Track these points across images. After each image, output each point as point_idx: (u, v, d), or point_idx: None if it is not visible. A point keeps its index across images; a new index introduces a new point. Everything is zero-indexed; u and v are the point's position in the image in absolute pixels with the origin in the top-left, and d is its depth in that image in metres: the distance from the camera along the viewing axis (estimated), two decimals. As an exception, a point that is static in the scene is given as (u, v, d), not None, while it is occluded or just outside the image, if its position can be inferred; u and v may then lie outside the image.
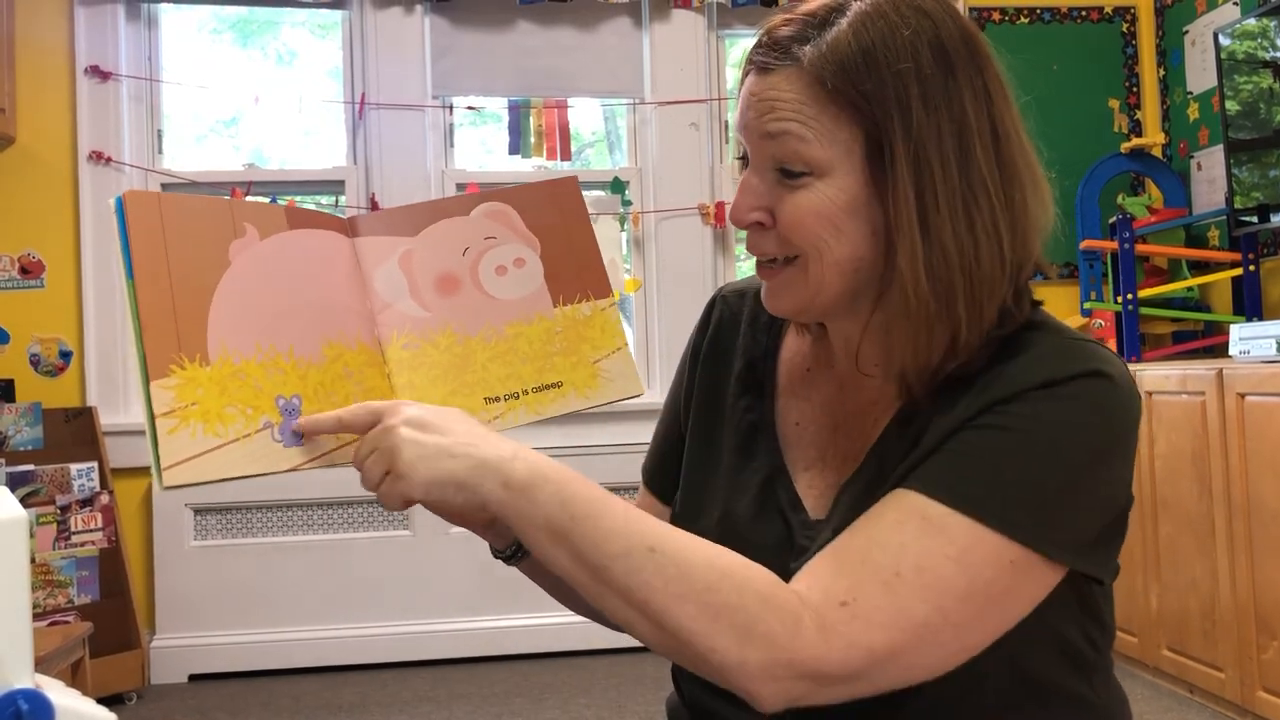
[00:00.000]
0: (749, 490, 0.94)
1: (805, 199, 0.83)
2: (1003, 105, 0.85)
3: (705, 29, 3.84)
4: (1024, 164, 0.85)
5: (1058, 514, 0.78)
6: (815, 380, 0.96)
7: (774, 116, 0.83)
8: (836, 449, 0.92)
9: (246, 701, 3.18)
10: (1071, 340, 0.84)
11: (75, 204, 3.54)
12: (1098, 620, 0.88)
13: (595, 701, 3.05)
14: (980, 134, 0.82)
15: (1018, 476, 0.77)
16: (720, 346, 1.03)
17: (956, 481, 0.78)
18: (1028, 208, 0.84)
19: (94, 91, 3.56)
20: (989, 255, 0.82)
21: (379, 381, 0.93)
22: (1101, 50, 4.02)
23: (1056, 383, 0.79)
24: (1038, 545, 0.77)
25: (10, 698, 0.55)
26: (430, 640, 3.50)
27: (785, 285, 0.87)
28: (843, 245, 0.83)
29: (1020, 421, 0.79)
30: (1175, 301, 3.68)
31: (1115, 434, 0.81)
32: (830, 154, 0.82)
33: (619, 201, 3.75)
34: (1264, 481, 2.53)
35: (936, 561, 0.75)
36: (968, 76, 0.83)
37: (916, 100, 0.80)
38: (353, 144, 3.76)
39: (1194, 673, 2.82)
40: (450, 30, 3.75)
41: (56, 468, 3.24)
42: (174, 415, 0.80)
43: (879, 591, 0.75)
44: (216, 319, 0.84)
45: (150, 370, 0.80)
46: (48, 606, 3.10)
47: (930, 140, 0.80)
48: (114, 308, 3.55)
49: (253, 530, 3.50)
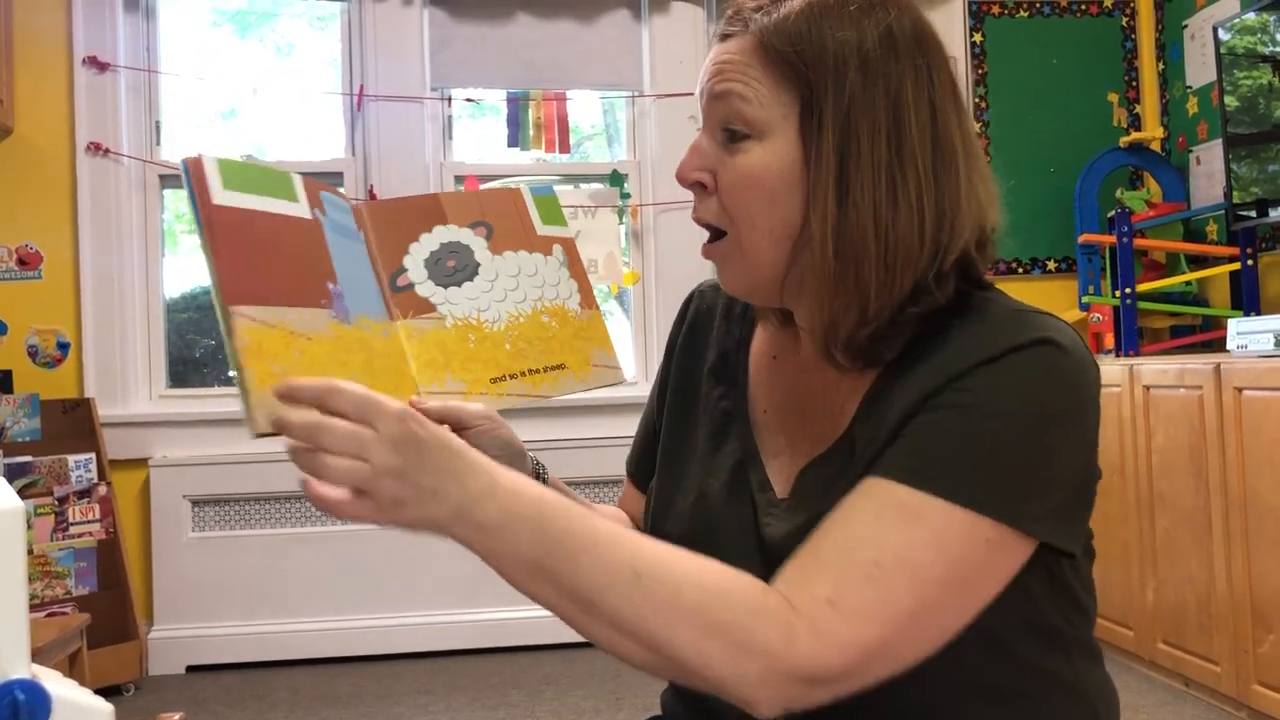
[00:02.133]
0: (721, 474, 0.95)
1: (744, 162, 0.86)
2: (945, 96, 0.86)
3: (704, 21, 3.83)
4: (963, 155, 0.86)
5: (1025, 486, 0.78)
6: (782, 367, 0.98)
7: (721, 78, 0.86)
8: (805, 433, 0.93)
9: (244, 693, 3.18)
10: (1020, 311, 0.85)
11: (73, 195, 3.54)
12: (1072, 600, 0.89)
13: (593, 693, 3.05)
14: (918, 113, 0.84)
15: (982, 453, 0.78)
16: (696, 339, 1.06)
17: (923, 465, 0.78)
18: (960, 194, 0.85)
19: (92, 82, 3.55)
20: (908, 227, 0.82)
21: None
22: (1101, 44, 4.01)
23: (1008, 351, 0.80)
24: (1010, 520, 0.77)
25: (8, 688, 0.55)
26: (427, 632, 3.51)
27: (726, 260, 0.90)
28: (775, 212, 0.85)
29: (976, 397, 0.79)
30: (1173, 296, 3.68)
31: (1071, 399, 0.81)
32: (769, 116, 0.84)
33: (618, 194, 3.75)
34: (1261, 476, 2.53)
35: (915, 550, 0.76)
36: (911, 60, 0.84)
37: (855, 70, 0.82)
38: (351, 136, 3.76)
39: (1190, 666, 2.83)
40: (449, 22, 3.74)
41: (54, 459, 3.24)
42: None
43: (863, 586, 0.75)
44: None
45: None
46: (45, 598, 3.10)
47: (862, 109, 0.82)
48: (112, 299, 3.55)
49: (250, 522, 3.50)
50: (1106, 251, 3.71)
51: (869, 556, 0.76)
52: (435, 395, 0.96)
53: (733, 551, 0.90)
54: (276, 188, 0.88)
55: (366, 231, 0.99)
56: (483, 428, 0.96)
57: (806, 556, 0.78)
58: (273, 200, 0.87)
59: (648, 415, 1.11)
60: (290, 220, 0.88)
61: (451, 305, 1.00)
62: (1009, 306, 0.85)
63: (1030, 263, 3.90)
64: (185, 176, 0.82)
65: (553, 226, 1.10)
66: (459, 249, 1.03)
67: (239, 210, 0.83)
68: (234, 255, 0.81)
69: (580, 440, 3.59)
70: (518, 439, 0.99)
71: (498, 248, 1.05)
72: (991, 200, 0.88)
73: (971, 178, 0.86)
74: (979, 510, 0.77)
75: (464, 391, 0.98)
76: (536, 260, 1.06)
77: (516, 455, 0.99)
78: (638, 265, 3.85)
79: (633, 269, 3.84)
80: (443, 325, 0.99)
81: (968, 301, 0.86)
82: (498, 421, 0.97)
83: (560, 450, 3.55)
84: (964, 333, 0.83)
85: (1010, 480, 0.78)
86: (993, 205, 0.89)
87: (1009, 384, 0.79)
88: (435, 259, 1.01)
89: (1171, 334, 3.74)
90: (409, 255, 1.01)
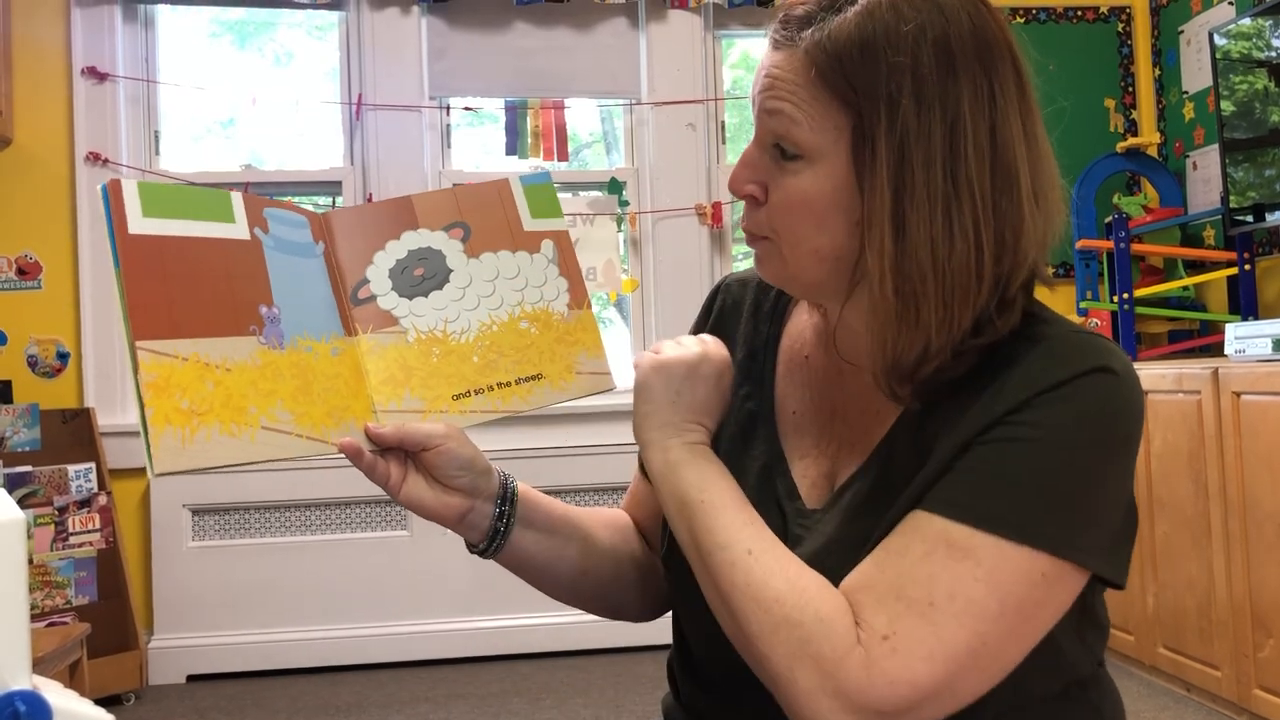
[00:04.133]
0: (747, 478, 0.93)
1: (795, 184, 0.83)
2: (1009, 111, 0.82)
3: (702, 29, 3.84)
4: (1027, 173, 0.82)
5: (1079, 519, 0.78)
6: (813, 367, 0.96)
7: (773, 94, 0.83)
8: (834, 436, 0.92)
9: (244, 702, 3.18)
10: (1074, 336, 0.82)
11: (72, 205, 3.54)
12: (1093, 620, 0.88)
13: (593, 701, 3.05)
14: (975, 137, 0.80)
15: (1035, 486, 0.77)
16: (722, 334, 1.03)
17: (975, 501, 0.77)
18: (1023, 218, 0.81)
19: (91, 93, 3.56)
20: (964, 261, 0.79)
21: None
22: (1097, 50, 4.02)
23: (1063, 384, 0.78)
24: (1066, 553, 0.76)
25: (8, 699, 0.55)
26: (428, 640, 3.50)
27: (767, 257, 0.89)
28: (821, 236, 0.84)
29: (1030, 430, 0.78)
30: (1171, 301, 3.69)
31: (1124, 430, 0.80)
32: (819, 141, 0.82)
33: (616, 202, 3.75)
34: (1260, 480, 2.53)
35: (967, 586, 0.75)
36: (971, 77, 0.80)
37: (909, 97, 0.79)
38: (350, 145, 3.76)
39: (1191, 671, 2.82)
40: (447, 31, 3.75)
41: (54, 469, 3.24)
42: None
43: (917, 624, 0.74)
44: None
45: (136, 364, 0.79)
46: (45, 607, 3.10)
47: (917, 138, 0.79)
48: (111, 309, 3.54)
49: (251, 531, 3.50)
50: (1104, 257, 3.71)
51: (922, 596, 0.75)
52: (393, 414, 0.93)
53: None
54: (207, 210, 0.86)
55: (330, 242, 0.96)
56: (442, 448, 0.92)
57: (862, 590, 0.78)
58: (202, 224, 0.85)
59: None
60: (221, 243, 0.86)
61: (416, 317, 0.97)
62: (1062, 330, 0.83)
63: (1028, 268, 3.90)
64: (104, 203, 0.81)
65: (543, 220, 1.05)
66: (429, 255, 0.99)
67: (155, 239, 0.82)
68: (145, 287, 0.80)
69: (580, 448, 3.59)
70: (482, 457, 0.96)
71: (475, 250, 1.00)
72: (1058, 205, 0.85)
73: (1038, 191, 0.83)
74: (1032, 545, 0.76)
75: (422, 410, 0.94)
76: (520, 260, 1.02)
77: (481, 474, 0.95)
78: (636, 273, 3.86)
79: (631, 276, 3.84)
80: (404, 340, 0.96)
81: (1025, 327, 0.84)
82: (460, 440, 0.94)
83: (559, 458, 3.55)
84: (1020, 361, 0.81)
85: (1063, 513, 0.77)
86: (1059, 210, 0.86)
87: (1063, 415, 0.78)
88: (401, 267, 0.97)
89: (1169, 339, 3.74)
90: (373, 265, 0.97)
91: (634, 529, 1.10)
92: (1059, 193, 0.86)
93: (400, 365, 0.95)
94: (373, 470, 0.91)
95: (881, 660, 0.74)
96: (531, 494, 1.01)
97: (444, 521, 0.94)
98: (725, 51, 3.97)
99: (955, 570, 0.75)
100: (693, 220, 3.79)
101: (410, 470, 0.93)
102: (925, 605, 0.75)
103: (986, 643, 0.75)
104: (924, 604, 0.75)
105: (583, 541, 1.03)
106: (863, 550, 0.81)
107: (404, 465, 0.93)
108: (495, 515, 0.97)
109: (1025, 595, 0.76)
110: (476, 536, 0.97)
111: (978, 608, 0.75)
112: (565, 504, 1.05)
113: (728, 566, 0.81)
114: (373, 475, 0.91)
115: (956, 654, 0.74)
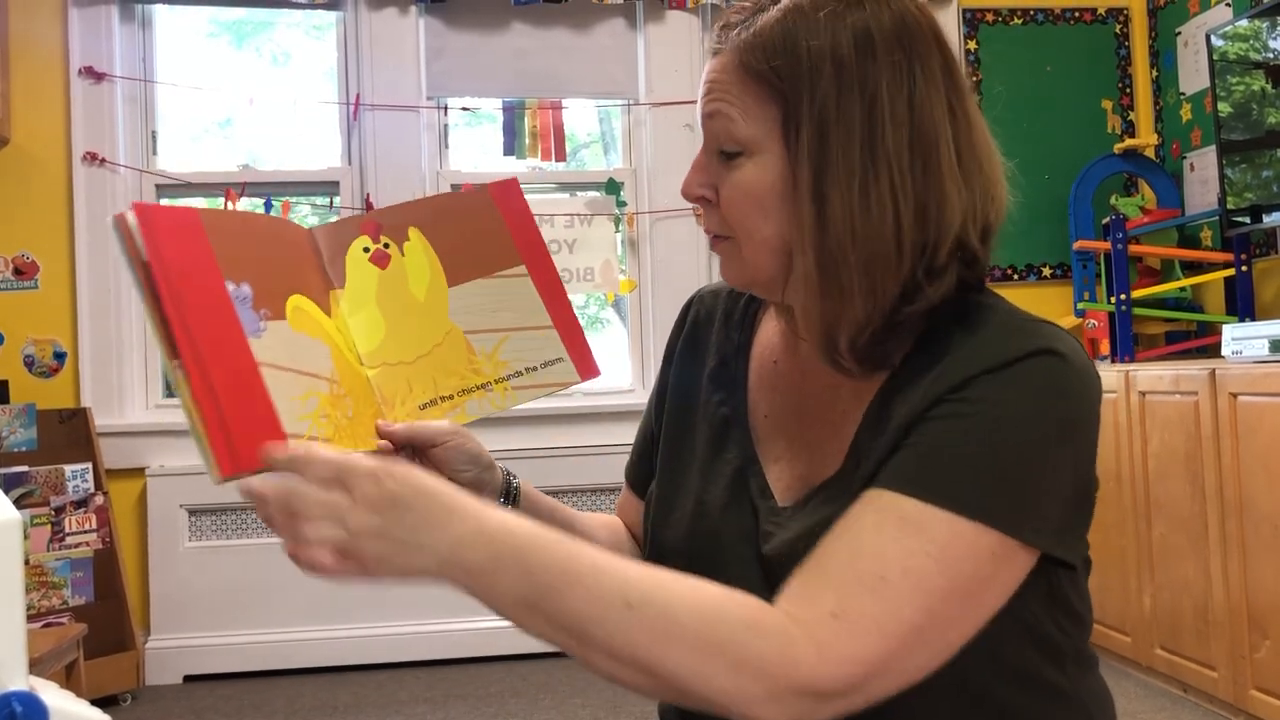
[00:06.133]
0: (721, 480, 0.95)
1: (738, 178, 0.86)
2: (930, 90, 0.84)
3: (699, 30, 3.84)
4: (950, 147, 0.84)
5: (1027, 497, 0.78)
6: (781, 371, 0.98)
7: (711, 98, 0.87)
8: (804, 438, 0.93)
9: (241, 703, 3.18)
10: (1021, 320, 0.85)
11: (69, 205, 3.54)
12: (1067, 609, 0.88)
13: (590, 701, 3.05)
14: (894, 112, 0.82)
15: (984, 464, 0.78)
16: (696, 344, 1.06)
17: (927, 476, 0.78)
18: (944, 185, 0.83)
19: (88, 93, 3.55)
20: (881, 229, 0.82)
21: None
22: (1095, 51, 4.03)
23: (1008, 364, 0.80)
24: (1014, 531, 0.77)
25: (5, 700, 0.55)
26: (426, 641, 3.50)
27: (727, 258, 0.91)
28: (769, 225, 0.86)
29: (978, 407, 0.79)
30: (1168, 302, 3.69)
31: (1074, 411, 0.81)
32: (755, 133, 0.85)
33: (614, 203, 3.75)
34: (1256, 481, 2.53)
35: (919, 561, 0.75)
36: (890, 60, 0.83)
37: (829, 78, 0.82)
38: (347, 145, 3.76)
39: (1187, 672, 2.83)
40: (445, 31, 3.75)
41: (51, 469, 3.23)
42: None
43: (867, 599, 0.74)
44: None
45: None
46: (42, 608, 3.10)
47: (837, 119, 0.82)
48: (108, 309, 3.54)
49: (247, 531, 3.50)
50: (1101, 258, 3.72)
51: (872, 569, 0.75)
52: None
53: (733, 559, 0.91)
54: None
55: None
56: (450, 443, 0.96)
57: (810, 571, 0.78)
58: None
59: (646, 421, 1.10)
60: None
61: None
62: (1011, 315, 0.85)
63: (1025, 269, 3.90)
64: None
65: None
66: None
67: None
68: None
69: (574, 448, 3.59)
70: (486, 452, 0.99)
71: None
72: (995, 181, 0.87)
73: (965, 163, 0.85)
74: (983, 521, 0.76)
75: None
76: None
77: (486, 469, 0.99)
78: (634, 273, 3.85)
79: (629, 277, 3.84)
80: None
81: (969, 307, 0.86)
82: (466, 436, 0.98)
83: (553, 459, 3.55)
84: (966, 342, 0.83)
85: (1013, 491, 0.78)
86: (996, 185, 0.87)
87: (1010, 393, 0.79)
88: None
89: (1166, 340, 3.74)
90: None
91: (628, 534, 1.13)
92: (997, 170, 0.88)
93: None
94: None
95: (831, 640, 0.73)
96: (534, 492, 1.04)
97: None
98: (723, 52, 3.96)
99: (907, 545, 0.76)
100: (690, 221, 3.79)
101: (418, 467, 0.95)
102: (877, 580, 0.75)
103: (934, 619, 0.75)
104: (875, 578, 0.75)
105: (582, 540, 1.04)
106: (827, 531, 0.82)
107: (413, 463, 0.95)
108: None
109: (974, 572, 0.76)
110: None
111: (928, 583, 0.75)
112: (566, 506, 1.08)
113: (617, 634, 0.73)
114: None
115: (905, 630, 0.74)
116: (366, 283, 0.99)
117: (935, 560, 0.75)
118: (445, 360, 1.00)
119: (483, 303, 1.02)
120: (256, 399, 0.84)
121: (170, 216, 0.84)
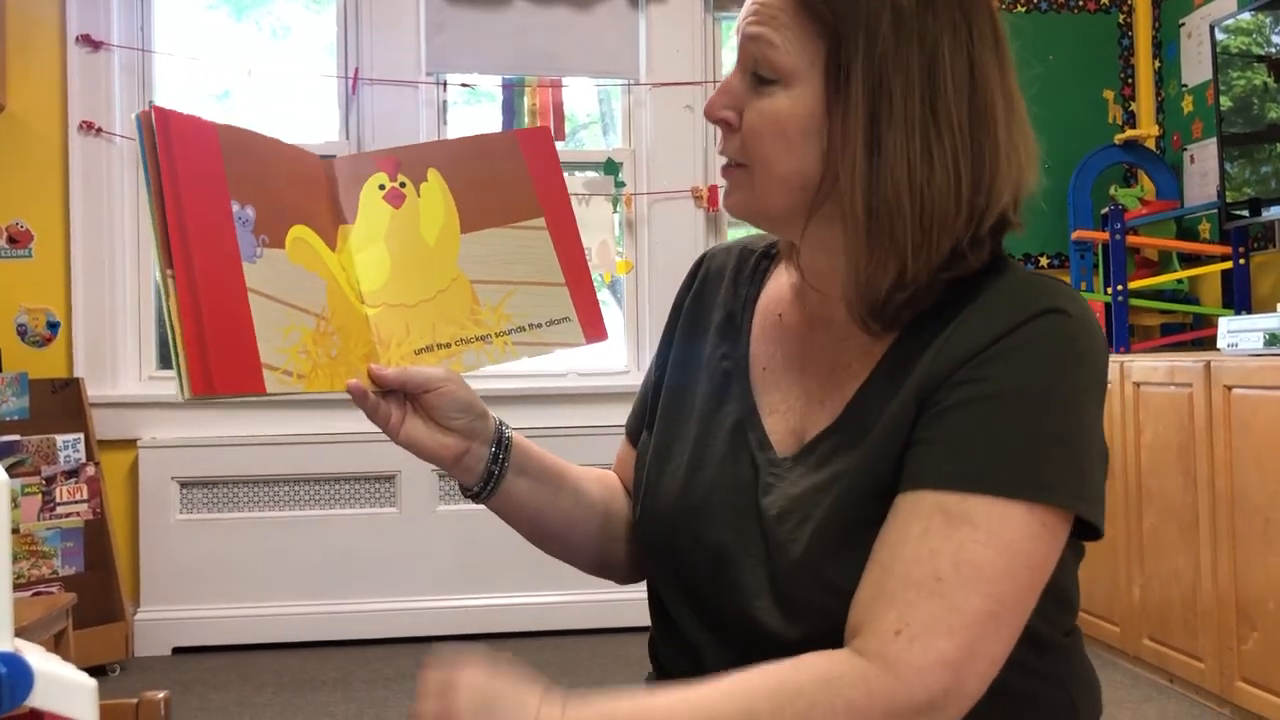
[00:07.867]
0: (720, 432, 0.95)
1: (767, 106, 0.85)
2: (987, 55, 0.84)
3: (701, 11, 3.82)
4: (1003, 118, 0.85)
5: (1062, 463, 0.79)
6: (786, 324, 0.98)
7: (755, 19, 0.86)
8: (802, 389, 0.93)
9: (230, 675, 3.18)
10: (1027, 278, 0.85)
11: (64, 174, 3.52)
12: (1059, 595, 0.88)
13: (578, 681, 3.05)
14: (954, 74, 0.82)
15: (1013, 441, 0.78)
16: (704, 300, 1.05)
17: (961, 468, 0.78)
18: (999, 157, 0.84)
19: (85, 61, 3.53)
20: (944, 188, 0.82)
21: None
22: (1097, 41, 4.01)
23: (1016, 328, 0.80)
24: (1058, 499, 0.78)
25: (-11, 662, 0.55)
26: (414, 617, 3.50)
27: (736, 186, 0.90)
28: (791, 160, 0.85)
29: (996, 384, 0.80)
30: (1165, 294, 3.69)
31: (1087, 375, 0.82)
32: (795, 64, 0.84)
33: (612, 183, 3.74)
34: (1248, 474, 2.54)
35: (973, 551, 0.76)
36: (950, 18, 0.83)
37: (888, 27, 0.81)
38: (345, 119, 3.74)
39: (1174, 662, 2.84)
40: (445, 7, 3.72)
41: (42, 438, 3.23)
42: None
43: (926, 604, 0.75)
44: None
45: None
46: (32, 577, 3.09)
47: (895, 68, 0.81)
48: (102, 279, 3.53)
49: (239, 505, 3.50)
50: (1099, 248, 3.72)
51: (927, 573, 0.75)
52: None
53: (730, 510, 0.91)
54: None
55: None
56: (442, 390, 0.94)
57: (868, 596, 0.78)
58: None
59: (649, 378, 1.10)
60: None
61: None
62: (1017, 273, 0.86)
63: (1023, 258, 3.90)
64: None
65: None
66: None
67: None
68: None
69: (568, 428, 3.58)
70: (479, 402, 0.97)
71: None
72: (1031, 159, 0.88)
73: (1013, 137, 0.86)
74: (1027, 497, 0.77)
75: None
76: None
77: (478, 417, 0.96)
78: (631, 255, 3.85)
79: (626, 258, 3.83)
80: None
81: (994, 267, 0.86)
82: (459, 383, 0.96)
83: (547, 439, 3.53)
84: (975, 304, 0.83)
85: (1047, 459, 0.78)
86: (1031, 164, 0.88)
87: (1024, 364, 0.80)
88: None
89: (1162, 332, 3.75)
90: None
91: (622, 489, 1.11)
92: (1033, 148, 0.88)
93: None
94: (375, 412, 0.93)
95: (903, 656, 0.74)
96: (526, 442, 1.02)
97: (440, 462, 0.96)
98: (725, 34, 3.95)
99: (955, 539, 0.76)
100: (689, 203, 3.78)
101: (409, 412, 0.95)
102: (933, 581, 0.75)
103: (1002, 602, 0.76)
104: (931, 580, 0.75)
105: (574, 493, 1.04)
106: (832, 489, 0.83)
107: (404, 407, 0.94)
108: (490, 459, 0.98)
109: (1031, 549, 0.77)
110: (471, 479, 0.98)
111: (986, 570, 0.75)
112: (558, 457, 1.06)
113: None
114: (374, 416, 0.93)
115: (973, 620, 0.75)
116: (378, 220, 0.98)
117: (988, 547, 0.76)
118: (447, 307, 0.98)
119: (495, 253, 1.00)
120: (240, 325, 0.83)
121: (188, 126, 0.84)
